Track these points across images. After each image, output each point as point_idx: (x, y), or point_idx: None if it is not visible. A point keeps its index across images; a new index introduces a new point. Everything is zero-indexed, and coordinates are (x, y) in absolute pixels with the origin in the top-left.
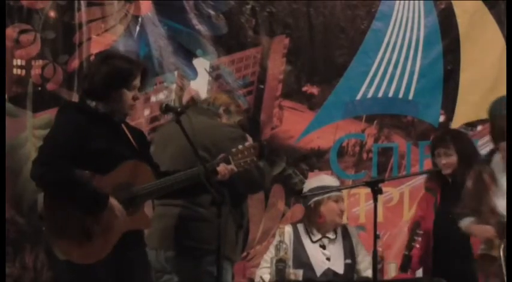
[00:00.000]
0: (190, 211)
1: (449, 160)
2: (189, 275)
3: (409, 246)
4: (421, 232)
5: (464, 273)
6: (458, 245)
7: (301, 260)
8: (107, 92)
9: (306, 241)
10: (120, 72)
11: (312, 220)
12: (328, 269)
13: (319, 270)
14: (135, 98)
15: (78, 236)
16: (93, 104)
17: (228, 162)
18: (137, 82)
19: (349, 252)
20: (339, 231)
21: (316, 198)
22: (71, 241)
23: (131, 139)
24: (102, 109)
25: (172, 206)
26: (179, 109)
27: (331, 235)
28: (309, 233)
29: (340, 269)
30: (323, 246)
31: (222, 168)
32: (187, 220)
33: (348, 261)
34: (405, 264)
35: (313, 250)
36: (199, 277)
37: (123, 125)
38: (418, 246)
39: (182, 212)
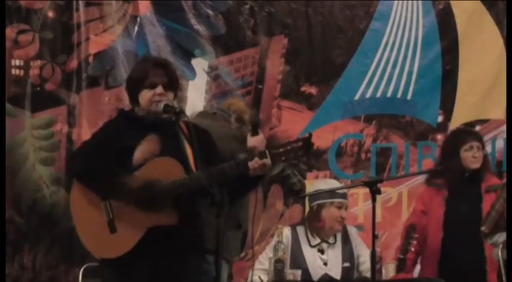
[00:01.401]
0: None
1: (480, 154)
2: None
3: (405, 250)
4: (416, 235)
5: (475, 265)
6: (471, 241)
7: (298, 264)
8: (135, 95)
9: (304, 245)
10: (133, 73)
11: (312, 223)
12: (325, 274)
13: (315, 276)
14: (160, 94)
15: (102, 229)
16: (136, 108)
17: (263, 157)
18: (156, 78)
19: (348, 256)
20: (339, 235)
21: (319, 201)
22: (96, 234)
23: (182, 138)
24: (140, 112)
25: None
26: (178, 109)
27: (330, 240)
28: (308, 237)
29: (337, 274)
30: (321, 251)
31: (253, 162)
32: None
33: (347, 264)
34: (400, 268)
35: (310, 255)
36: (196, 275)
37: (182, 124)
38: (413, 249)
39: None
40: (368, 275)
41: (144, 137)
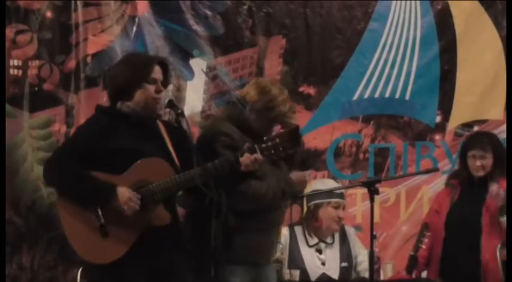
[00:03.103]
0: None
1: (484, 162)
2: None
3: (416, 247)
4: (429, 234)
5: (470, 267)
6: (468, 243)
7: (296, 264)
8: (129, 90)
9: (302, 245)
10: (136, 67)
11: (309, 223)
12: (323, 274)
13: (313, 276)
14: (157, 91)
15: (94, 235)
16: (119, 105)
17: (253, 152)
18: (157, 75)
19: (346, 256)
20: (337, 235)
21: (316, 201)
22: (87, 240)
23: (164, 136)
24: (126, 109)
25: None
26: (179, 111)
27: (328, 240)
28: (306, 236)
29: (335, 274)
30: (319, 251)
31: (244, 158)
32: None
33: (344, 264)
34: (411, 265)
35: (308, 255)
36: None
37: (158, 122)
38: (424, 247)
39: None
40: (366, 275)
41: (131, 136)
